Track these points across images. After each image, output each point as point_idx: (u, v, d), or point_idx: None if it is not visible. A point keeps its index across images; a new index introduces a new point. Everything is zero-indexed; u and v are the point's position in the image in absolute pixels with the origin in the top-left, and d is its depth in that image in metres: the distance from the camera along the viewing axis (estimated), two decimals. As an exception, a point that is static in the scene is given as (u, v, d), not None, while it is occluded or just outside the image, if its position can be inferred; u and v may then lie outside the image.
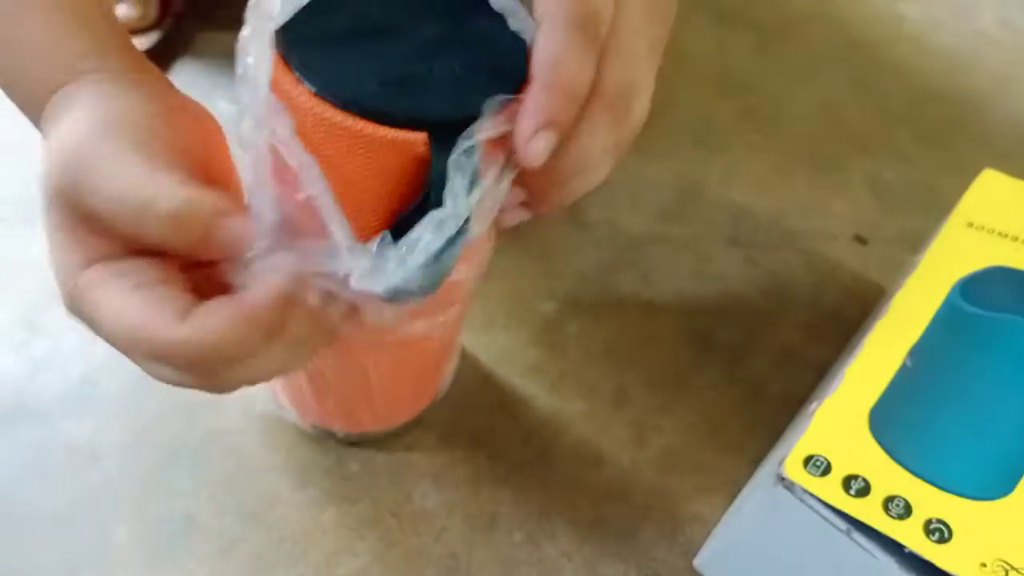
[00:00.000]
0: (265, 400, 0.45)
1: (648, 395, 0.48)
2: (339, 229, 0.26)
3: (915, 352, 0.38)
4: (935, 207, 0.59)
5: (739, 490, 0.45)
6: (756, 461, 0.46)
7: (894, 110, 0.68)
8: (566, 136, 0.27)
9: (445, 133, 0.26)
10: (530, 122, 0.26)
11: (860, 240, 0.58)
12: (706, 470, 0.46)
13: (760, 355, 0.51)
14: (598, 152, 0.29)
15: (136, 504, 0.41)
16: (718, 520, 0.44)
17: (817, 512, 0.33)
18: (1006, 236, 0.43)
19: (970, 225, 0.44)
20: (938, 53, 0.74)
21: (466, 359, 0.48)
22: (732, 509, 0.42)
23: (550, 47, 0.27)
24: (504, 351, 0.49)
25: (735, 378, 0.50)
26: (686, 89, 0.67)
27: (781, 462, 0.34)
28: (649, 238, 0.56)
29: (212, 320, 0.25)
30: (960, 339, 0.39)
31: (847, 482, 0.33)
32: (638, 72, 0.30)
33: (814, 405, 0.36)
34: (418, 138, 0.27)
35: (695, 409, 0.48)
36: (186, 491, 0.42)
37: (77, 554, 0.40)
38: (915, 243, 0.52)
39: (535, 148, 0.26)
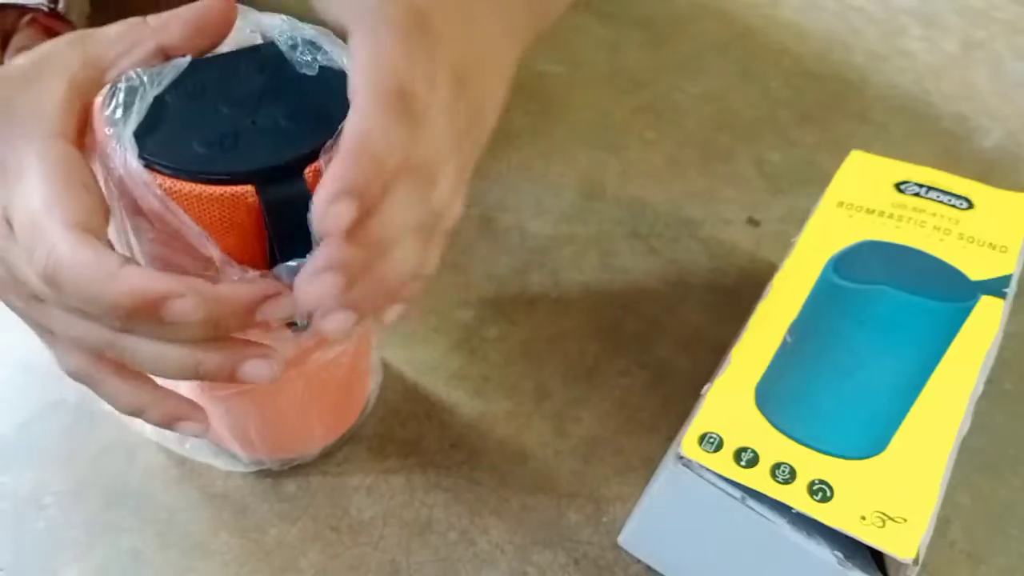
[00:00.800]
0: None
1: (565, 389, 0.52)
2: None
3: (794, 328, 0.42)
4: (819, 184, 0.63)
5: (655, 468, 0.48)
6: (670, 439, 0.50)
7: (776, 94, 0.72)
8: (368, 209, 0.26)
9: (272, 180, 0.29)
10: (329, 188, 0.25)
11: (753, 222, 0.62)
12: (624, 453, 0.49)
13: (666, 339, 0.55)
14: (400, 227, 0.28)
15: (83, 547, 0.43)
16: (638, 498, 0.47)
17: (714, 485, 0.36)
18: (873, 212, 0.47)
19: (840, 204, 0.48)
20: (816, 35, 0.79)
21: (391, 373, 0.51)
22: (648, 489, 0.46)
23: (357, 119, 0.27)
24: (427, 361, 0.52)
25: (644, 363, 0.53)
26: (582, 90, 0.70)
27: (679, 442, 0.37)
28: (556, 239, 0.59)
29: (162, 275, 0.27)
30: (834, 312, 0.42)
31: (738, 454, 0.36)
32: (442, 153, 0.30)
33: (706, 387, 0.40)
34: (245, 190, 0.29)
35: (610, 397, 0.51)
36: (131, 528, 0.44)
37: (30, 601, 0.41)
38: (803, 220, 0.56)
39: (334, 213, 0.25)
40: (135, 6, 0.34)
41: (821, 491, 0.35)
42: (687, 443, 0.37)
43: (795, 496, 0.35)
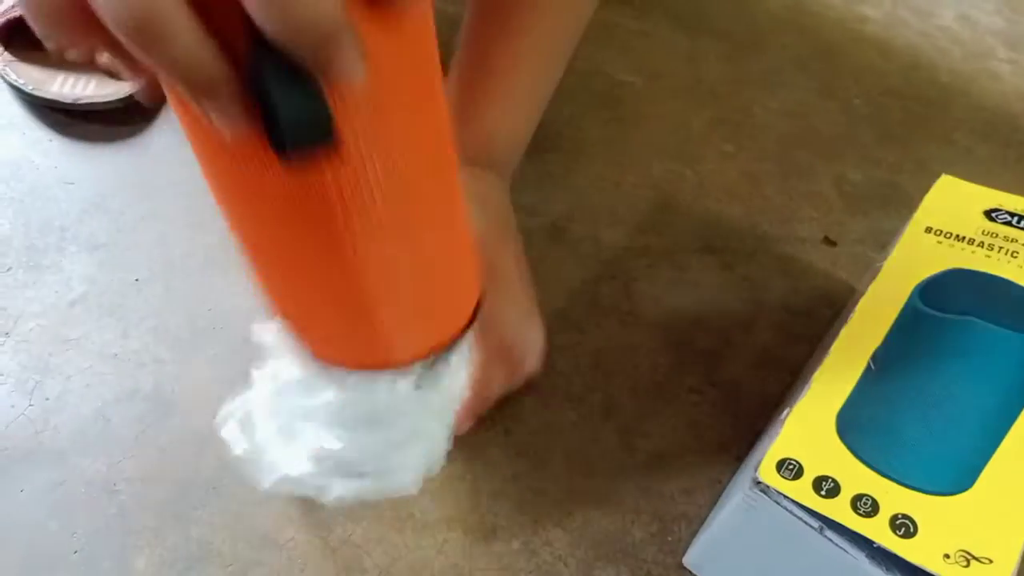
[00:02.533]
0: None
1: (634, 403, 0.51)
2: None
3: (878, 355, 0.41)
4: (900, 206, 0.62)
5: (723, 489, 0.48)
6: (739, 460, 0.49)
7: (858, 112, 0.71)
8: None
9: None
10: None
11: (829, 242, 0.61)
12: (691, 472, 0.48)
13: (738, 358, 0.54)
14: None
15: (154, 533, 0.44)
16: (704, 519, 0.47)
17: (791, 512, 0.35)
18: (962, 239, 0.46)
19: (928, 230, 0.47)
20: (900, 53, 0.77)
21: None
22: (716, 510, 0.45)
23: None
24: (495, 367, 0.52)
25: (715, 381, 0.52)
26: (658, 101, 0.69)
27: (757, 466, 0.36)
28: (629, 250, 0.58)
29: None
30: (920, 341, 0.41)
31: (818, 483, 0.36)
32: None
33: (786, 411, 0.39)
34: None
35: (679, 413, 0.51)
36: (201, 519, 0.44)
37: (101, 584, 0.42)
38: (882, 242, 0.55)
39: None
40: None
41: (904, 526, 0.34)
42: (765, 468, 0.36)
43: (876, 530, 0.34)
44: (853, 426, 0.38)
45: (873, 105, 0.72)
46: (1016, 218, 0.47)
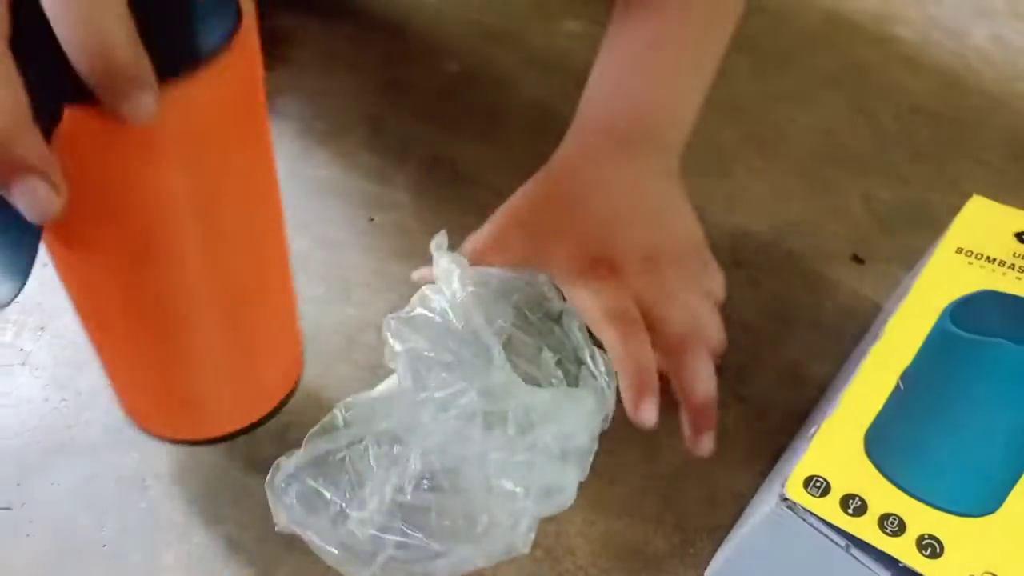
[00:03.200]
0: (303, 424, 0.48)
1: (659, 414, 0.51)
2: None
3: (907, 375, 0.41)
4: (929, 225, 0.62)
5: (746, 503, 0.48)
6: (763, 474, 0.49)
7: (888, 130, 0.71)
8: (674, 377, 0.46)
9: None
10: (631, 404, 0.44)
11: (857, 260, 0.61)
12: (715, 484, 0.49)
13: (764, 373, 0.54)
14: (705, 372, 0.46)
15: (182, 530, 0.44)
16: (726, 533, 0.47)
17: (818, 530, 0.35)
18: (993, 261, 0.46)
19: (959, 251, 0.47)
20: (931, 72, 0.77)
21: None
22: (740, 524, 0.45)
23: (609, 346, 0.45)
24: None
25: (741, 396, 0.52)
26: (688, 115, 0.70)
27: (784, 482, 0.36)
28: (656, 263, 0.59)
29: None
30: (950, 362, 0.41)
31: (845, 501, 0.36)
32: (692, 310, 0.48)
33: (813, 428, 0.39)
34: None
35: (703, 427, 0.51)
36: (229, 517, 0.45)
37: (129, 578, 0.43)
38: (910, 261, 0.55)
39: (645, 416, 0.45)
40: None
41: (931, 546, 0.34)
42: (792, 485, 0.36)
43: (903, 550, 0.34)
44: (881, 445, 0.38)
45: (903, 123, 0.72)
46: (1048, 241, 0.47)
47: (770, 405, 0.52)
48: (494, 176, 0.63)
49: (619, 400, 0.45)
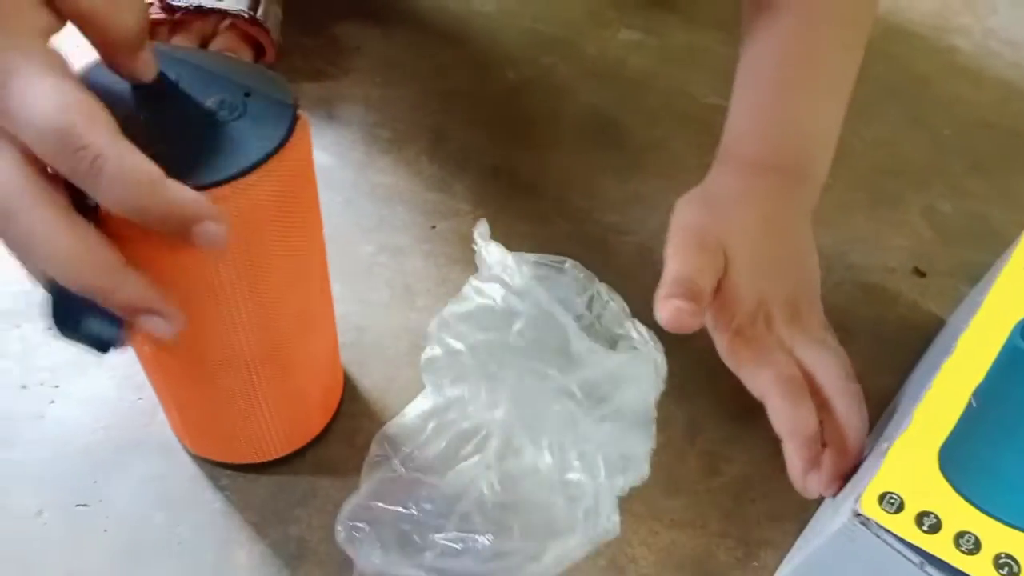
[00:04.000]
0: (370, 428, 0.49)
1: (719, 426, 0.51)
2: None
3: (979, 392, 0.40)
4: (990, 238, 0.62)
5: (809, 517, 0.48)
6: (824, 489, 0.49)
7: (948, 142, 0.70)
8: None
9: None
10: (799, 474, 0.43)
11: (918, 273, 0.60)
12: (776, 498, 0.49)
13: (825, 387, 0.54)
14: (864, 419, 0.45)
15: (254, 530, 0.45)
16: (789, 546, 0.47)
17: (892, 547, 0.35)
18: (1065, 278, 0.45)
19: (1031, 266, 0.46)
20: (991, 84, 0.76)
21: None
22: (804, 538, 0.45)
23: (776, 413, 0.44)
24: (582, 384, 0.53)
25: (802, 409, 0.52)
26: (746, 125, 0.70)
27: (857, 498, 0.36)
28: (716, 273, 0.59)
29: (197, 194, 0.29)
30: (1021, 381, 0.41)
31: (920, 518, 0.36)
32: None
33: (886, 444, 0.39)
34: None
35: (764, 439, 0.51)
36: (299, 518, 0.46)
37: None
38: (972, 274, 0.55)
39: (812, 488, 0.43)
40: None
41: (1007, 566, 0.34)
42: (866, 501, 0.36)
43: (979, 568, 0.34)
44: (955, 462, 0.38)
45: (963, 136, 0.71)
46: (1120, 259, 0.46)
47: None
48: (552, 184, 0.64)
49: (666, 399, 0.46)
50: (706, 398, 0.52)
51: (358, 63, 0.71)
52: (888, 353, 0.56)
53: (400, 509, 0.43)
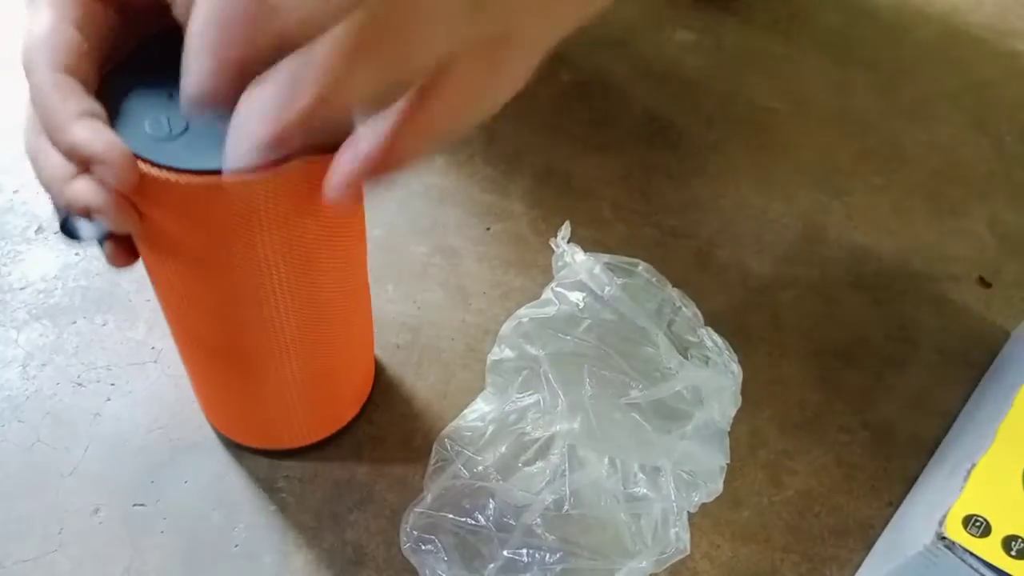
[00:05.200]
0: (426, 431, 0.48)
1: (782, 438, 0.50)
2: None
3: (1065, 412, 0.39)
4: (1059, 251, 0.60)
5: (876, 534, 0.47)
6: (891, 505, 0.48)
7: (1011, 150, 0.68)
8: None
9: None
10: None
11: (983, 283, 0.59)
12: (841, 513, 0.48)
13: (890, 398, 0.52)
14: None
15: (312, 534, 0.45)
16: (855, 564, 0.46)
17: (978, 571, 0.34)
18: None
19: (1112, 282, 0.45)
20: (1056, 90, 0.74)
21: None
22: (875, 556, 0.44)
23: None
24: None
25: (866, 422, 0.51)
26: (804, 129, 0.68)
27: (941, 520, 0.35)
28: (777, 280, 0.58)
29: (103, 137, 0.29)
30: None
31: (1007, 543, 0.34)
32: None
33: (968, 464, 0.38)
34: None
35: (829, 452, 0.50)
36: (356, 523, 0.45)
37: (260, 579, 0.43)
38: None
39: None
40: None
41: (1100, 594, 0.33)
42: (951, 524, 0.35)
43: (1071, 596, 0.33)
44: (1043, 485, 0.36)
45: (1028, 143, 0.69)
46: None
47: (897, 432, 0.51)
48: (606, 186, 0.63)
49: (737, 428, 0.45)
50: (769, 409, 0.51)
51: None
52: (953, 366, 0.54)
53: (466, 520, 0.42)
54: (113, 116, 0.31)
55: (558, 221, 0.58)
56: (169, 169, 0.30)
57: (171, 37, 0.30)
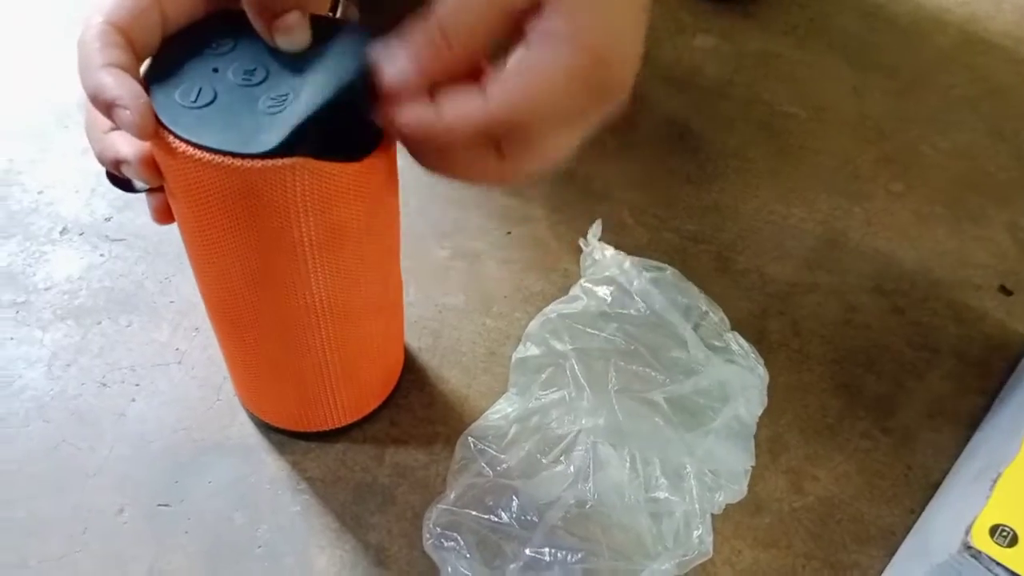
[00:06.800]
0: (448, 434, 0.48)
1: (804, 444, 0.50)
2: None
3: (1090, 421, 0.39)
4: (1081, 259, 0.60)
5: (897, 541, 0.47)
6: (912, 512, 0.48)
7: (1033, 157, 0.68)
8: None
9: None
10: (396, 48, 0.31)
11: (1005, 291, 0.59)
12: (863, 520, 0.47)
13: (911, 405, 0.52)
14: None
15: (335, 535, 0.45)
16: (878, 570, 0.46)
17: (1005, 581, 0.34)
18: None
19: None
20: (1076, 97, 0.74)
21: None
22: (898, 564, 0.44)
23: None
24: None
25: (887, 428, 0.51)
26: (823, 135, 0.68)
27: (968, 530, 0.35)
28: (797, 286, 0.58)
29: (125, 84, 0.31)
30: None
31: (1035, 553, 0.34)
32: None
33: (994, 473, 0.38)
34: None
35: (850, 459, 0.50)
36: (378, 525, 0.45)
37: (284, 580, 0.44)
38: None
39: (393, 66, 0.31)
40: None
41: None
42: (977, 533, 0.35)
43: (1099, 606, 0.33)
44: (1069, 495, 0.36)
45: (1048, 150, 0.69)
46: None
47: (918, 439, 0.51)
48: (626, 191, 0.63)
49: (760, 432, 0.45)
50: (790, 415, 0.51)
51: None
52: (975, 374, 0.54)
53: (489, 518, 0.42)
54: (154, 77, 0.32)
55: (579, 225, 0.59)
56: (169, 131, 0.31)
57: (233, 16, 0.33)
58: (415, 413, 0.50)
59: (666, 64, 0.73)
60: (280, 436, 0.48)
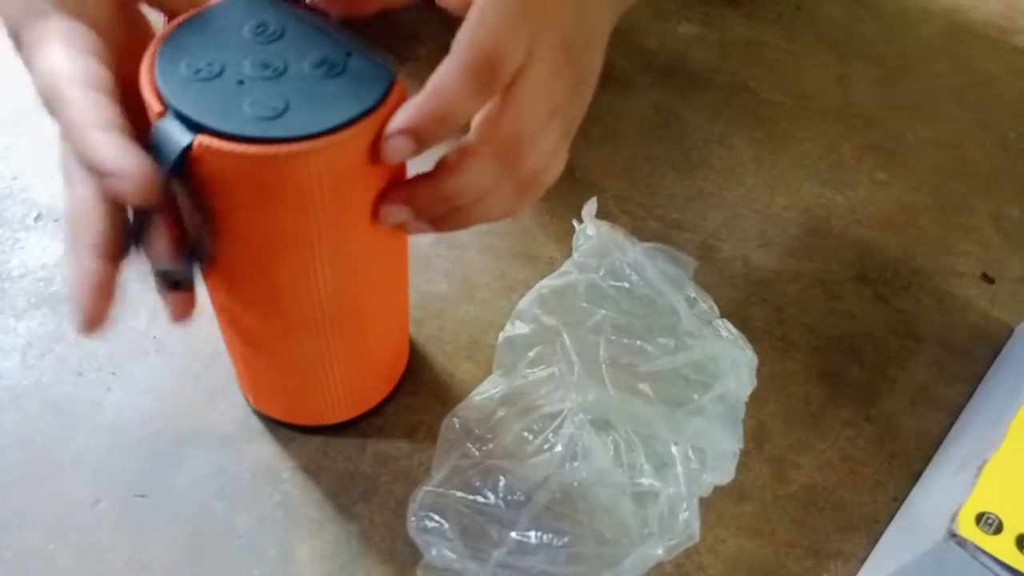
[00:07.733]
0: (430, 423, 0.48)
1: (787, 432, 0.50)
2: None
3: (1075, 409, 0.39)
4: (1063, 248, 0.60)
5: (881, 529, 0.47)
6: (895, 500, 0.48)
7: (1016, 146, 0.68)
8: (428, 147, 0.32)
9: None
10: (393, 123, 0.31)
11: (987, 279, 0.59)
12: (846, 508, 0.47)
13: (894, 393, 0.52)
14: (481, 190, 0.33)
15: (316, 525, 0.44)
16: (860, 559, 0.46)
17: (990, 570, 0.34)
18: None
19: (1120, 279, 0.45)
20: (1059, 86, 0.74)
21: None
22: (880, 552, 0.44)
23: (438, 76, 0.30)
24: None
25: (870, 416, 0.51)
26: (808, 123, 0.68)
27: (953, 518, 0.35)
28: (780, 274, 0.57)
29: (122, 153, 0.29)
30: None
31: (1021, 541, 0.34)
32: (533, 127, 0.33)
33: (978, 461, 0.38)
34: None
35: (833, 447, 0.50)
36: (360, 515, 0.45)
37: (264, 571, 0.43)
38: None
39: (390, 146, 0.31)
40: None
41: (1112, 592, 0.33)
42: (963, 521, 0.35)
43: (1083, 593, 0.33)
44: (1053, 482, 0.36)
45: (1030, 139, 0.69)
46: None
47: (901, 427, 0.51)
48: (611, 179, 0.62)
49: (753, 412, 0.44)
50: (774, 403, 0.51)
51: (418, 51, 0.70)
52: (957, 362, 0.54)
53: (475, 498, 0.41)
54: (166, 49, 0.32)
55: (563, 213, 0.58)
56: (164, 105, 0.31)
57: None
58: (397, 402, 0.49)
59: (650, 52, 0.73)
60: (261, 425, 0.48)
